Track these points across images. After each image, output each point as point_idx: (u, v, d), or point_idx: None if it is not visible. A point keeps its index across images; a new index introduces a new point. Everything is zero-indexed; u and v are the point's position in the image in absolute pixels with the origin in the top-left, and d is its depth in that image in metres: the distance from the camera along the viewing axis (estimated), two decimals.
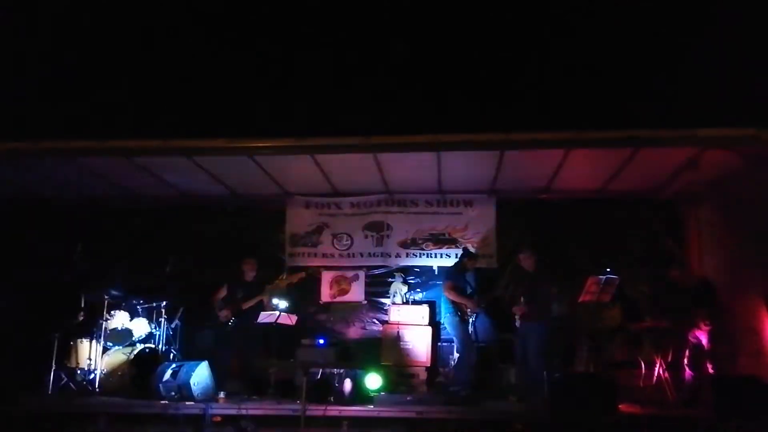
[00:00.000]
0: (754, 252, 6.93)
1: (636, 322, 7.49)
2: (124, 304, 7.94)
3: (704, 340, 6.63)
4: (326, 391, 6.80)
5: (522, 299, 7.15)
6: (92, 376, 7.27)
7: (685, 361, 6.78)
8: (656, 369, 6.82)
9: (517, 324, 7.21)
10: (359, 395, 6.82)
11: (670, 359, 6.87)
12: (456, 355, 7.62)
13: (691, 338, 6.74)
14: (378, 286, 8.87)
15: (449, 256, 8.64)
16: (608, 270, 7.20)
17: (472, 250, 8.21)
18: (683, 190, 8.13)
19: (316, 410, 6.05)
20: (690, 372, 6.69)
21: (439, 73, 6.27)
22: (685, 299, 6.97)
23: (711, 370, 6.56)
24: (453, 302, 7.48)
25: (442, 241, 8.81)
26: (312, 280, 8.76)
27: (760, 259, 6.79)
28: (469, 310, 7.37)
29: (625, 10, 6.11)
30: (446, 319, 7.59)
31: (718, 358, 6.66)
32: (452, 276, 7.71)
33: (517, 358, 7.28)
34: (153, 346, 7.70)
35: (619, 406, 6.28)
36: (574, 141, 6.65)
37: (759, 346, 6.74)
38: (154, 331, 7.83)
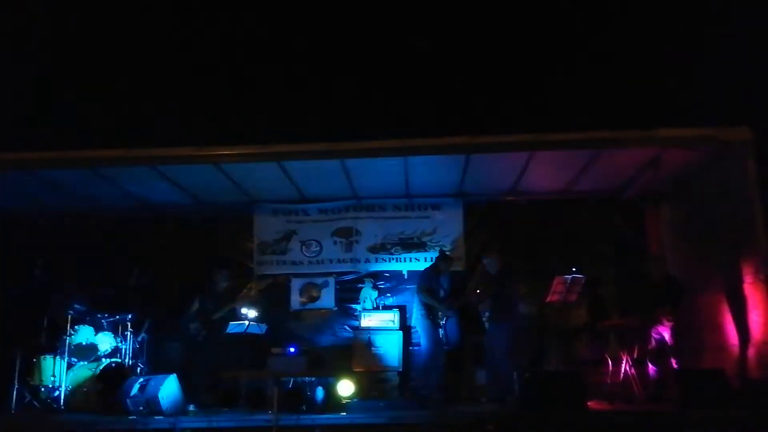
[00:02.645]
0: (714, 249, 7.11)
1: (602, 320, 7.61)
2: (88, 318, 7.72)
3: (667, 336, 6.76)
4: (298, 400, 6.73)
5: (488, 301, 7.24)
6: (57, 393, 7.06)
7: (649, 356, 6.90)
8: (623, 365, 6.93)
9: (486, 326, 7.29)
10: (332, 403, 6.78)
11: (635, 356, 6.98)
12: (423, 357, 7.63)
13: (654, 334, 6.86)
14: (348, 292, 8.83)
15: (419, 260, 8.67)
16: (574, 270, 7.31)
17: (447, 252, 8.24)
18: (645, 190, 8.30)
19: (288, 420, 6.00)
20: (653, 368, 6.82)
21: (405, 79, 6.31)
22: (650, 296, 7.11)
23: (675, 365, 6.69)
24: (425, 304, 7.50)
25: (411, 245, 8.82)
26: (281, 287, 8.69)
27: (720, 255, 6.98)
28: (440, 313, 7.41)
29: (585, 15, 6.24)
30: (417, 321, 7.61)
31: (681, 353, 6.80)
32: (427, 277, 7.73)
33: (487, 360, 7.34)
34: (119, 360, 7.54)
35: (588, 403, 6.37)
36: (537, 143, 6.78)
37: (722, 340, 6.91)
38: (120, 345, 7.65)
